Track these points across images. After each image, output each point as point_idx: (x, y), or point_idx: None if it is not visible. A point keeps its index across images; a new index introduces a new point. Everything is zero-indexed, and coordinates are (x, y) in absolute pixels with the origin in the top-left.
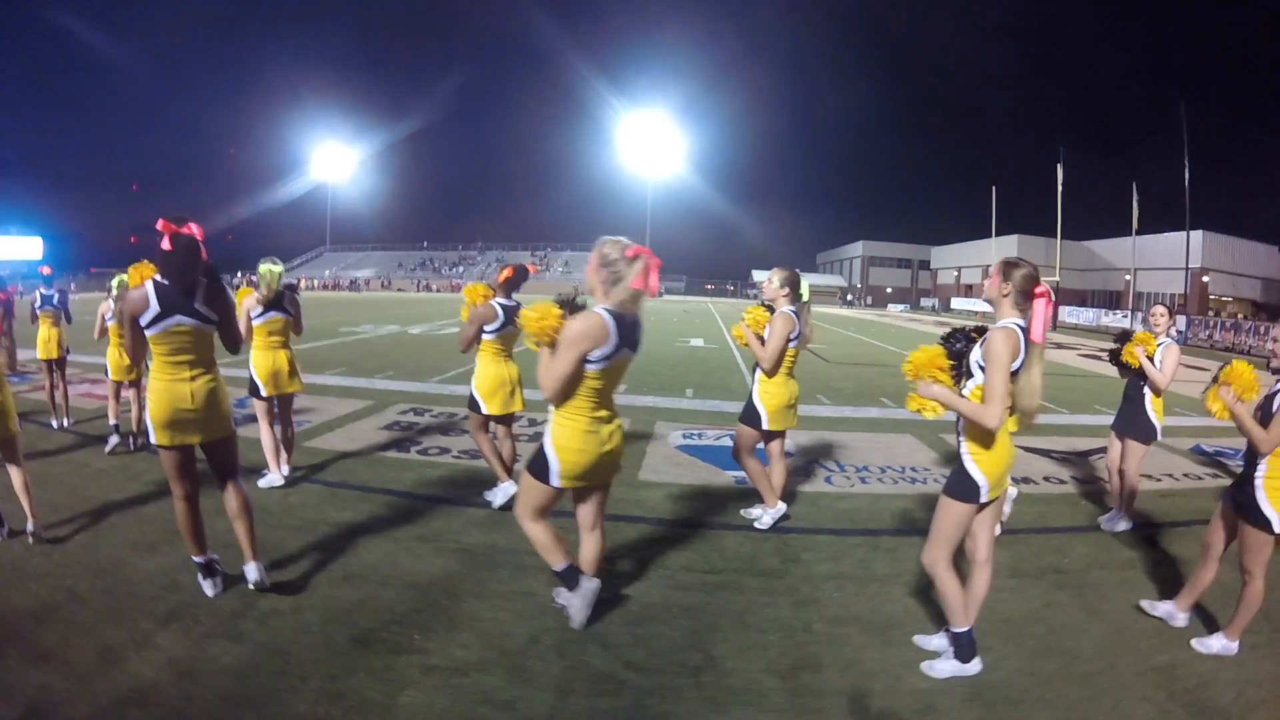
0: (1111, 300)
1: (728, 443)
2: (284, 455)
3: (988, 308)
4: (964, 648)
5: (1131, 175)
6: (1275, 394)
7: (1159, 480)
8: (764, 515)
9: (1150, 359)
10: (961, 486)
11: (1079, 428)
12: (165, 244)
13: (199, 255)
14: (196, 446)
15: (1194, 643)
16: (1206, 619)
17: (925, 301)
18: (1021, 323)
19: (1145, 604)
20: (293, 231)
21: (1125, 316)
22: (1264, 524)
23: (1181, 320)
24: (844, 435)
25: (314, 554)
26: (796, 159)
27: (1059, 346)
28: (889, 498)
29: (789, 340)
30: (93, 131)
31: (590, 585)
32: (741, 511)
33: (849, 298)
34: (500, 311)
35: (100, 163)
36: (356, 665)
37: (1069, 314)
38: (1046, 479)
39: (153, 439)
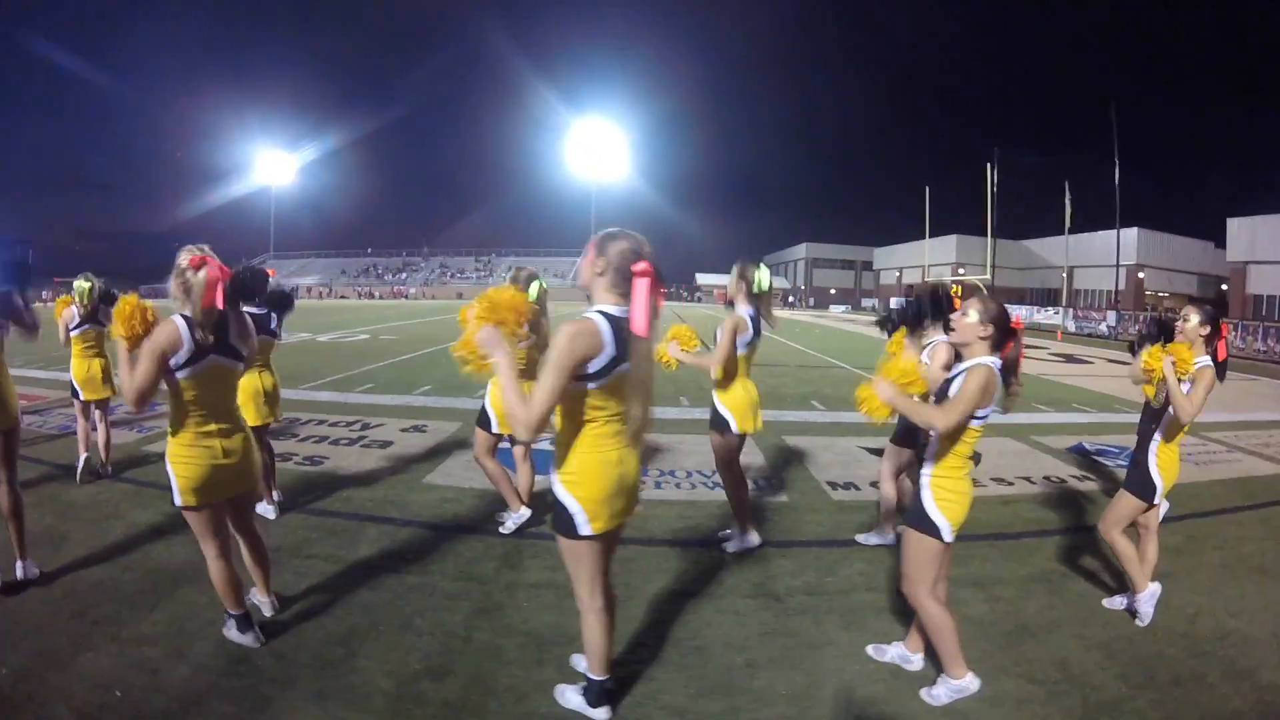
0: (1049, 298)
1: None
2: (105, 454)
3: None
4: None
5: (1066, 174)
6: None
7: (1011, 484)
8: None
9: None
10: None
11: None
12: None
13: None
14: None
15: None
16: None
17: (866, 302)
18: (618, 310)
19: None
20: (236, 235)
21: (1058, 314)
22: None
23: (1112, 315)
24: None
25: None
26: (740, 162)
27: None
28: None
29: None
30: (35, 133)
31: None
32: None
33: (789, 299)
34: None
35: (44, 164)
36: None
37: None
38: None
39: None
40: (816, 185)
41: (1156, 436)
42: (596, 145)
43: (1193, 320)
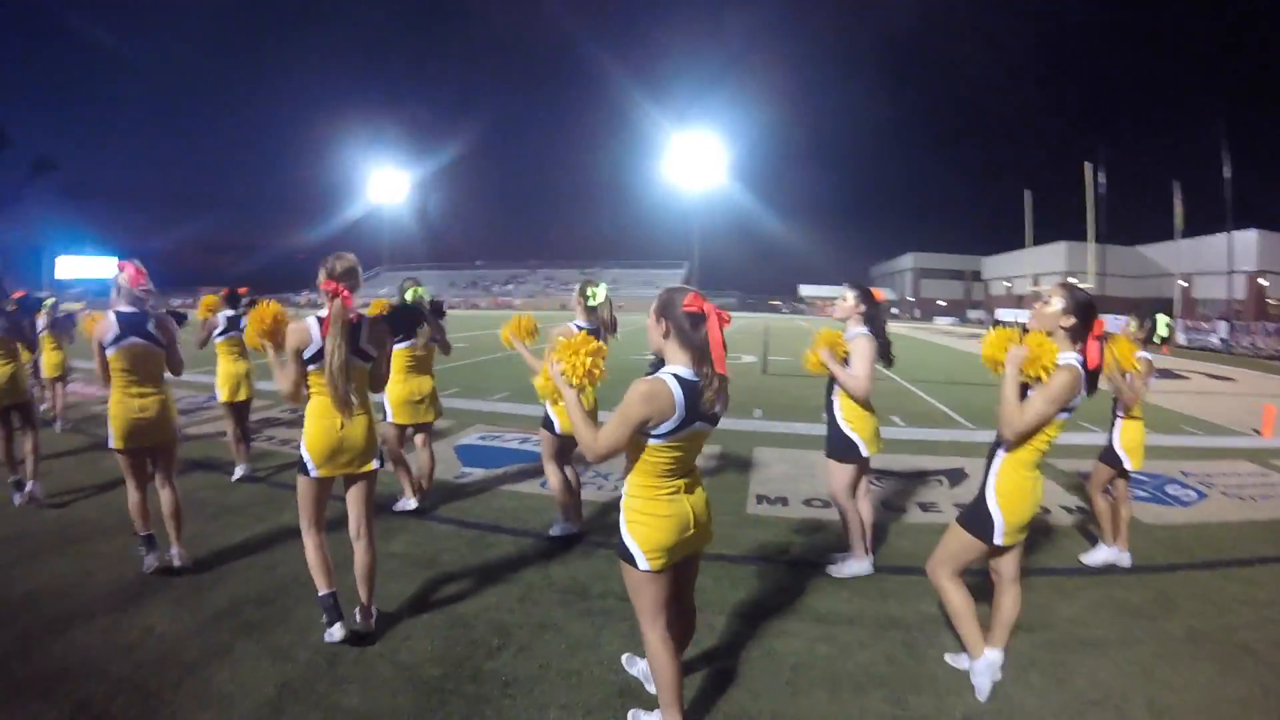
0: (1165, 309)
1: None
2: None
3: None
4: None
5: (1177, 172)
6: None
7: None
8: None
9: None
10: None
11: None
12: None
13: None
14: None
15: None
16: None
17: (972, 314)
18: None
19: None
20: (351, 248)
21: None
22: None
23: (1223, 326)
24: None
25: None
26: (842, 169)
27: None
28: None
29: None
30: (168, 156)
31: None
32: None
33: (893, 311)
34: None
35: (174, 185)
36: None
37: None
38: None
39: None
40: (922, 192)
41: (999, 453)
42: (698, 157)
43: (1054, 305)
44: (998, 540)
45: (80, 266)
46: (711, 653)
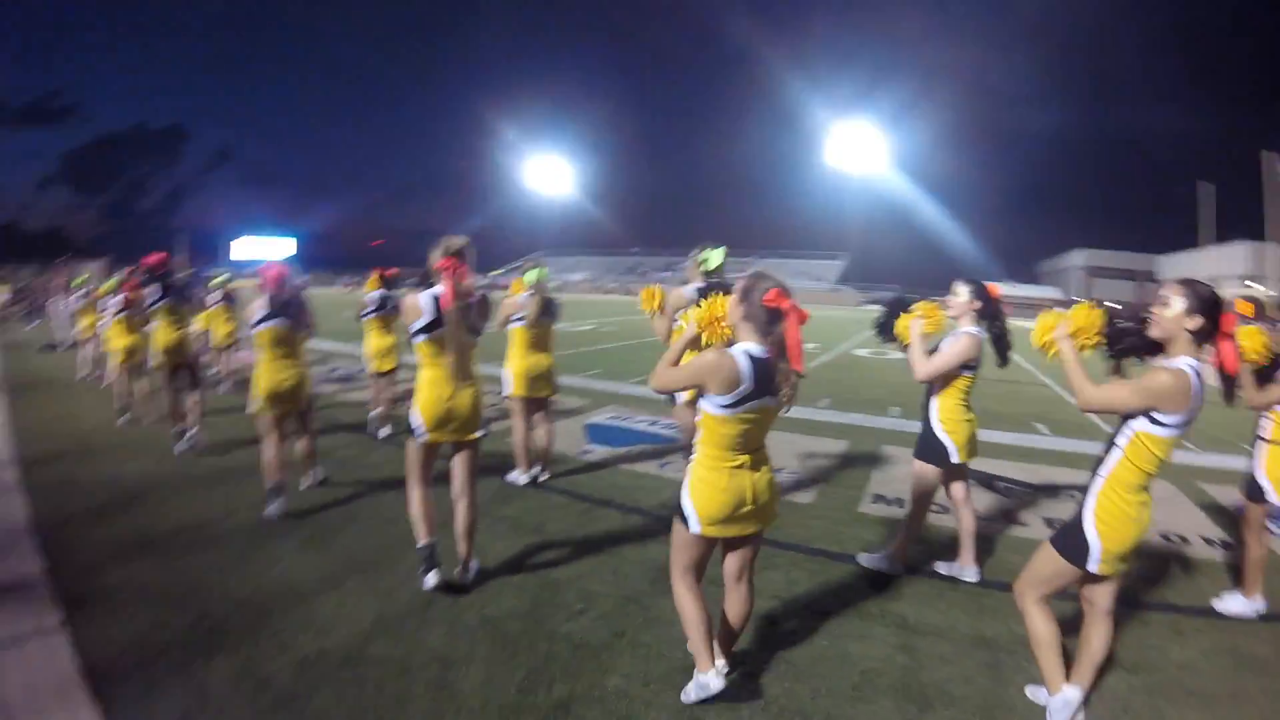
0: None
1: None
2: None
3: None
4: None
5: None
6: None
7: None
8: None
9: None
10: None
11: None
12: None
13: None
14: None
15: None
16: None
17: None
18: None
19: None
20: (513, 233)
21: None
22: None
23: None
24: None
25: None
26: (1007, 157)
27: None
28: None
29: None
30: (336, 143)
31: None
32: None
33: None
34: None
35: (348, 170)
36: None
37: None
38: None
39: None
40: (1091, 183)
41: (1101, 473)
42: (858, 146)
43: (1174, 307)
44: (1092, 567)
45: (255, 247)
46: (784, 644)
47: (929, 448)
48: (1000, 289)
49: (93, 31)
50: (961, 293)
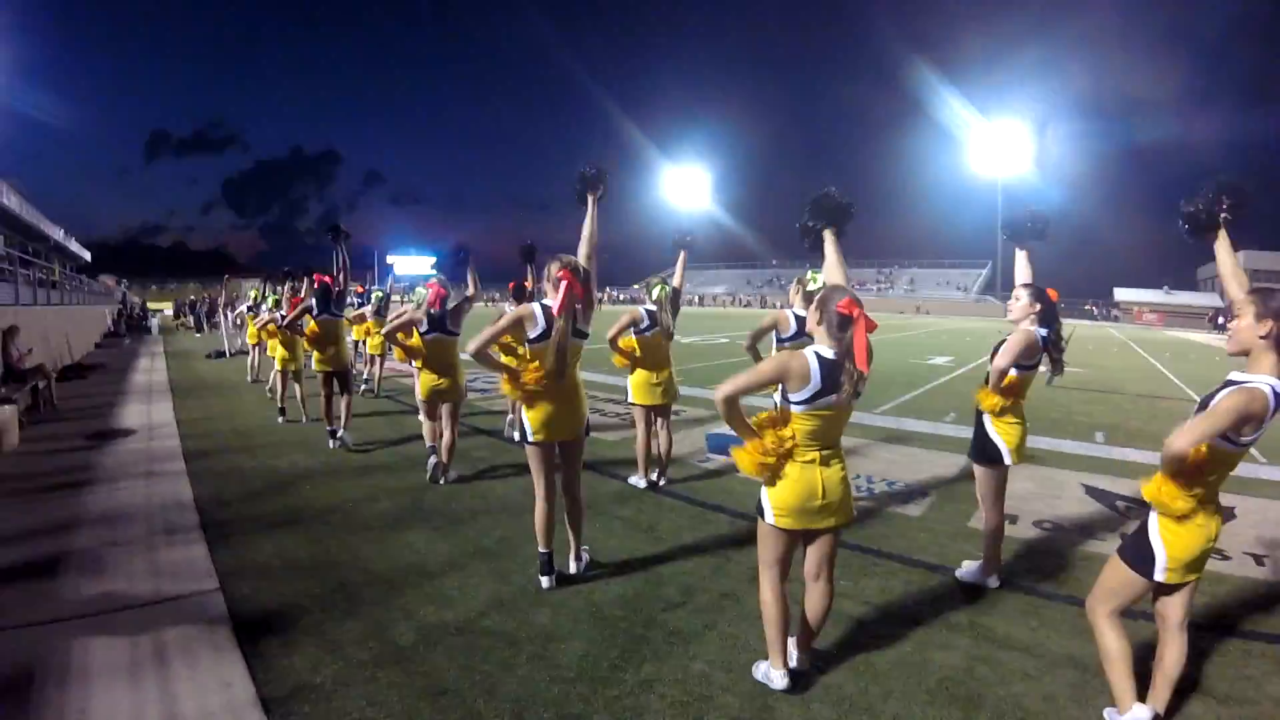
0: None
1: None
2: None
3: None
4: None
5: None
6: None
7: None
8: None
9: None
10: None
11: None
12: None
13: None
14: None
15: None
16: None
17: None
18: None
19: None
20: (650, 247)
21: None
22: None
23: None
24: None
25: None
26: (1162, 151)
27: None
28: None
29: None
30: (479, 164)
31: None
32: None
33: (1220, 320)
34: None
35: (484, 190)
36: None
37: None
38: None
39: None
40: (1254, 187)
41: None
42: (1004, 149)
43: (1245, 317)
44: (1159, 576)
45: (406, 264)
46: (868, 646)
47: (982, 449)
48: (1056, 293)
49: (250, 64)
50: (1022, 296)
